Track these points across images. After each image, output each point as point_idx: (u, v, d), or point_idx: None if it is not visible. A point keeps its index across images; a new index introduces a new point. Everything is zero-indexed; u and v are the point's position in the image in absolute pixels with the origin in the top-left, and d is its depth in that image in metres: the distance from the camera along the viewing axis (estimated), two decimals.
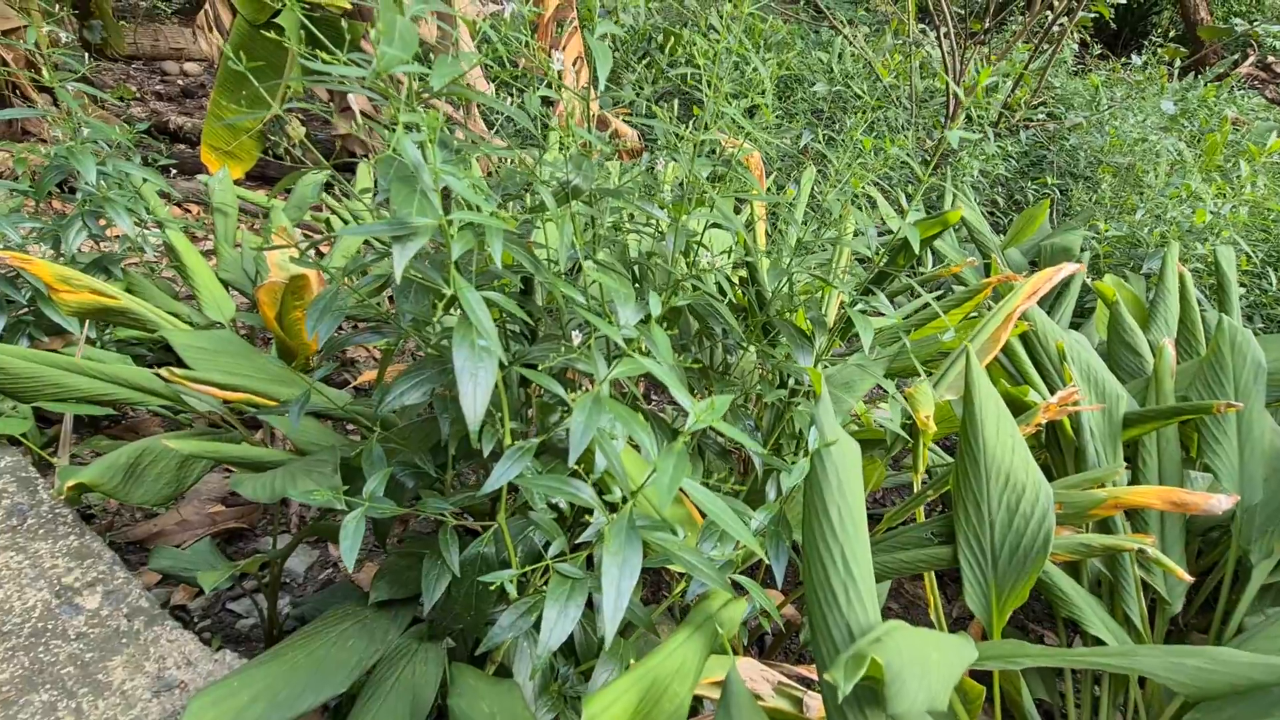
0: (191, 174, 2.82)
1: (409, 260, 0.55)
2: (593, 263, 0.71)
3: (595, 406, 0.59)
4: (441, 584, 0.82)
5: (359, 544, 0.66)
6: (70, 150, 1.37)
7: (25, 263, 1.18)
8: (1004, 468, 0.79)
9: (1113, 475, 0.81)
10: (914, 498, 0.94)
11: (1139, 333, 1.34)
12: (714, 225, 0.93)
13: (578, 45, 2.88)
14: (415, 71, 0.47)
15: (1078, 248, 2.02)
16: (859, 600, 0.53)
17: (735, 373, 1.02)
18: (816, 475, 0.57)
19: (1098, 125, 3.11)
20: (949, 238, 1.99)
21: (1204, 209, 1.78)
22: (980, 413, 0.81)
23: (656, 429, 0.90)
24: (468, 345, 0.61)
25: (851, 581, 0.53)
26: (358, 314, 0.93)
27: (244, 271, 1.74)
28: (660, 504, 0.41)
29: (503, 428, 0.77)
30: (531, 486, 0.59)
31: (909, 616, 1.34)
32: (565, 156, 0.73)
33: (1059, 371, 1.10)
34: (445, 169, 0.52)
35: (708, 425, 0.45)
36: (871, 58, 3.59)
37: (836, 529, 0.55)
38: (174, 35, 4.57)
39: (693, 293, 0.87)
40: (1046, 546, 0.76)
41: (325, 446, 0.97)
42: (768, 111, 0.95)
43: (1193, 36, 4.98)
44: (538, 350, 0.75)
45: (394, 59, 0.45)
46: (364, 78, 0.49)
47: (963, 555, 0.80)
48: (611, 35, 4.27)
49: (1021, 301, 0.99)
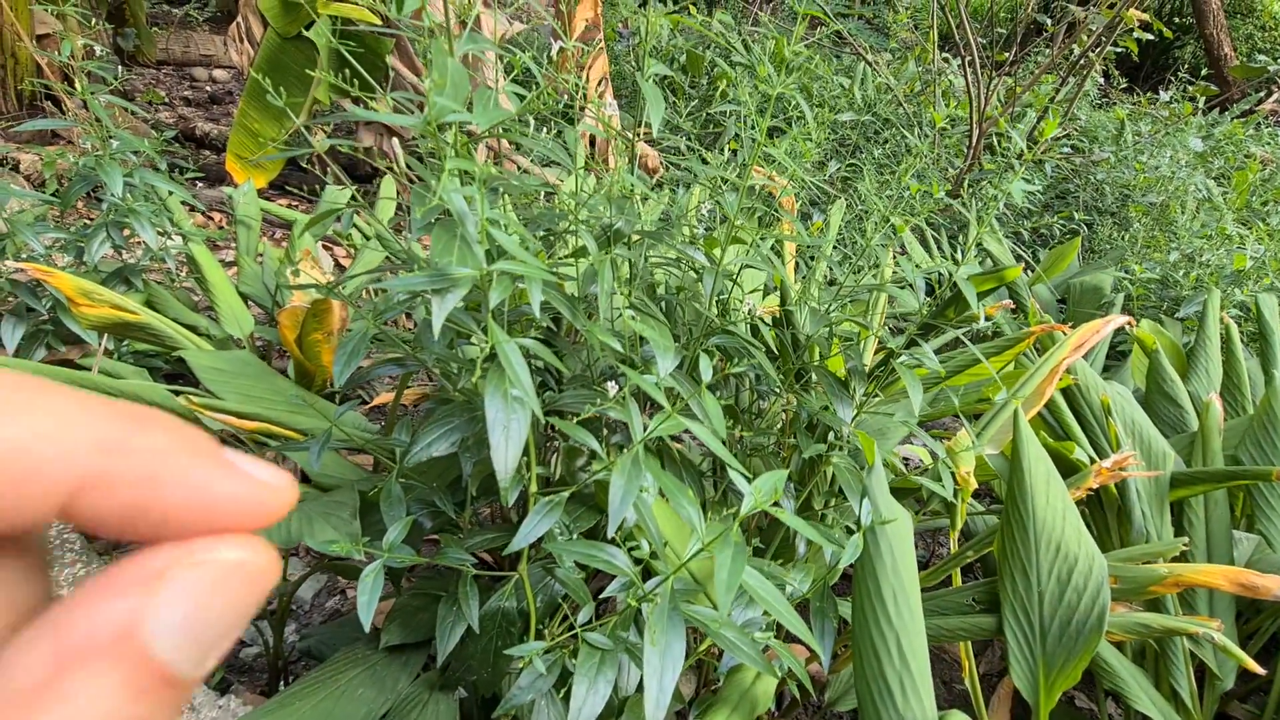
0: (216, 182, 2.84)
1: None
2: (632, 311, 0.68)
3: (635, 469, 0.56)
4: (457, 632, 0.78)
5: (377, 599, 0.63)
6: (98, 161, 1.37)
7: (48, 275, 1.17)
8: (1054, 536, 0.75)
9: (1173, 550, 0.77)
10: (952, 558, 0.90)
11: (1180, 384, 1.30)
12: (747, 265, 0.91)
13: (603, 66, 2.88)
14: (465, 119, 0.44)
15: (1108, 287, 1.98)
16: (915, 694, 0.49)
17: (768, 418, 0.99)
18: (869, 554, 0.53)
19: (1124, 160, 3.08)
20: (971, 260, 1.95)
21: (1243, 254, 1.74)
22: (1029, 477, 0.77)
23: (686, 476, 0.86)
24: (500, 396, 0.58)
25: (908, 673, 0.49)
26: (379, 340, 0.91)
27: (264, 285, 1.73)
28: (720, 605, 0.38)
29: (528, 473, 0.74)
30: (562, 552, 0.56)
31: (936, 671, 1.28)
32: (606, 197, 0.70)
33: (1103, 427, 1.05)
34: (491, 217, 0.49)
35: (763, 507, 0.42)
36: (894, 84, 3.58)
37: (891, 615, 0.51)
38: (204, 42, 4.65)
39: (727, 336, 0.84)
40: (1101, 624, 0.71)
41: (343, 481, 0.94)
42: (808, 152, 0.93)
43: (1217, 71, 4.95)
44: (570, 397, 0.72)
45: (445, 109, 0.42)
46: (413, 124, 0.47)
47: (1008, 627, 0.76)
48: (633, 54, 4.27)
49: (1068, 355, 0.95)
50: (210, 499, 0.12)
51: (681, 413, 0.57)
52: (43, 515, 0.11)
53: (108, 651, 0.10)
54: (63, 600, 0.11)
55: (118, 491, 0.11)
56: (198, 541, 0.12)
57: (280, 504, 0.13)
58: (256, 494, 0.12)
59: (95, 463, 0.11)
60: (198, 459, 0.12)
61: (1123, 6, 2.65)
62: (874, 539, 0.53)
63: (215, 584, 0.11)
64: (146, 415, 0.12)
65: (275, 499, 0.13)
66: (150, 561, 0.11)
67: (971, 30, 3.03)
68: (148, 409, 0.12)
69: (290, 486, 0.13)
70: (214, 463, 0.12)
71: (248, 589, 0.12)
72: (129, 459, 0.11)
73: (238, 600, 0.12)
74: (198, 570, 0.11)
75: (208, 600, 0.11)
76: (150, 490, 0.11)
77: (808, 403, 0.84)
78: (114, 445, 0.11)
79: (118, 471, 0.11)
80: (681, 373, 0.82)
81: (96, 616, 0.11)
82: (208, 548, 0.12)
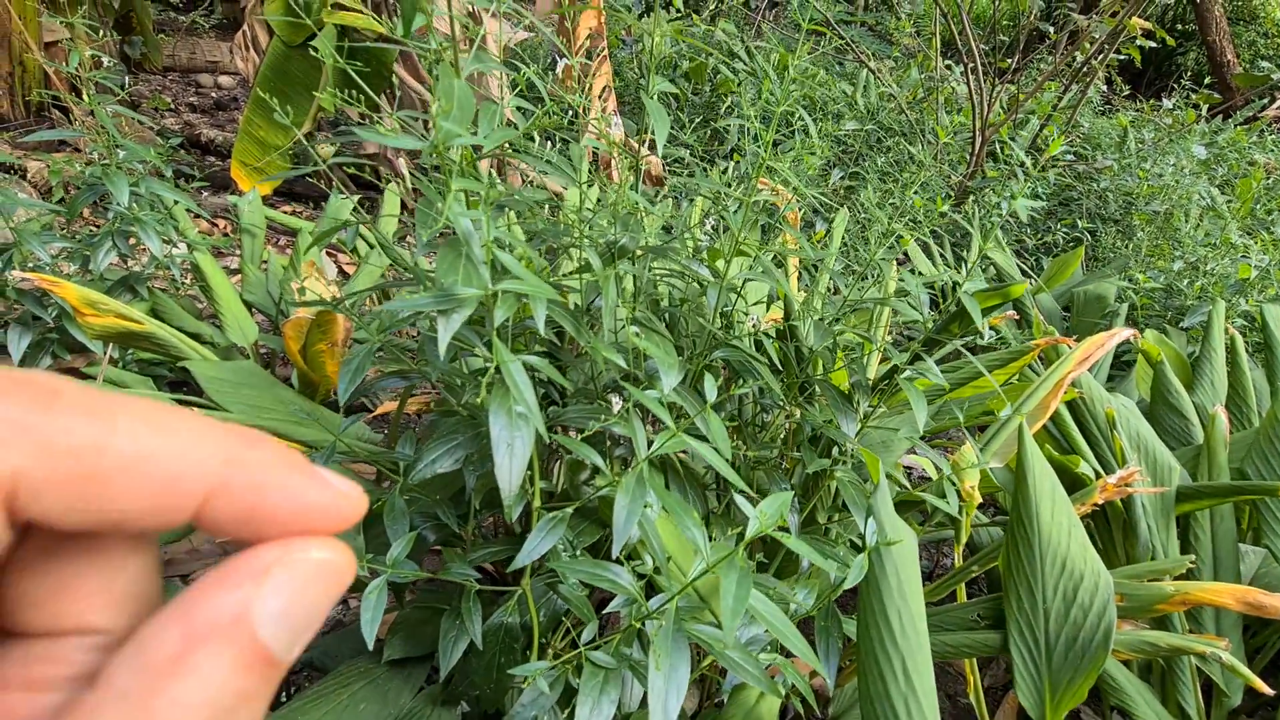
0: (220, 188, 2.85)
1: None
2: (636, 328, 0.68)
3: (639, 487, 0.56)
4: (460, 647, 0.78)
5: (380, 615, 0.63)
6: (105, 171, 1.38)
7: (54, 285, 1.18)
8: (1060, 553, 0.75)
9: (1179, 568, 0.76)
10: (957, 572, 0.89)
11: (1185, 395, 1.29)
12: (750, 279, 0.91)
13: (606, 75, 2.89)
14: (471, 142, 0.44)
15: (1112, 296, 1.98)
16: (920, 716, 0.49)
17: (771, 430, 0.98)
18: (874, 575, 0.53)
19: (1128, 168, 3.07)
20: (977, 276, 1.95)
21: (1247, 264, 1.73)
22: (1034, 492, 0.76)
23: (690, 489, 0.86)
24: (505, 413, 0.58)
25: (913, 695, 0.49)
26: (383, 352, 0.91)
27: (268, 294, 1.73)
28: (726, 631, 0.37)
29: (532, 487, 0.74)
30: (567, 571, 0.56)
31: (940, 684, 1.27)
32: (611, 214, 0.70)
33: (1107, 440, 1.05)
34: (498, 235, 0.49)
35: (768, 530, 0.42)
36: (897, 92, 3.58)
37: (897, 636, 0.51)
38: (210, 49, 4.68)
39: (731, 350, 0.84)
40: (1107, 642, 0.71)
41: None
42: (812, 166, 0.93)
43: (1219, 78, 4.94)
44: (574, 412, 0.72)
45: (451, 134, 0.42)
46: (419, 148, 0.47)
47: (1014, 644, 0.76)
48: (636, 62, 4.28)
49: (1073, 368, 0.95)
50: (304, 505, 0.14)
51: (686, 430, 0.57)
52: (182, 517, 0.13)
53: (225, 633, 0.12)
54: (189, 588, 0.13)
55: (236, 498, 0.13)
56: (294, 541, 0.14)
57: (356, 510, 0.15)
58: (338, 501, 0.14)
59: (221, 472, 0.13)
60: (294, 471, 0.14)
61: (1125, 15, 2.65)
62: (879, 560, 0.53)
63: (307, 579, 0.13)
64: (254, 435, 0.14)
65: (352, 506, 0.15)
66: (258, 558, 0.13)
67: (974, 37, 3.03)
68: (254, 431, 0.14)
69: (362, 496, 0.15)
70: (307, 474, 0.14)
71: (332, 584, 0.14)
72: (245, 471, 0.14)
73: (324, 594, 0.14)
74: (294, 567, 0.13)
75: (301, 593, 0.13)
76: (259, 497, 0.14)
77: (811, 416, 0.84)
78: (234, 459, 0.13)
79: (236, 481, 0.13)
80: (685, 387, 0.82)
81: (217, 603, 0.13)
82: (302, 548, 0.14)
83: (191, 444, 0.13)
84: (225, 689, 0.12)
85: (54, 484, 0.12)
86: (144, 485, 0.13)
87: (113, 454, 0.12)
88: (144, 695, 0.12)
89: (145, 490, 0.13)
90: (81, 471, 0.12)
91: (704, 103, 3.80)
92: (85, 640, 0.13)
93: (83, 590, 0.13)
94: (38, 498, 0.12)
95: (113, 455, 0.12)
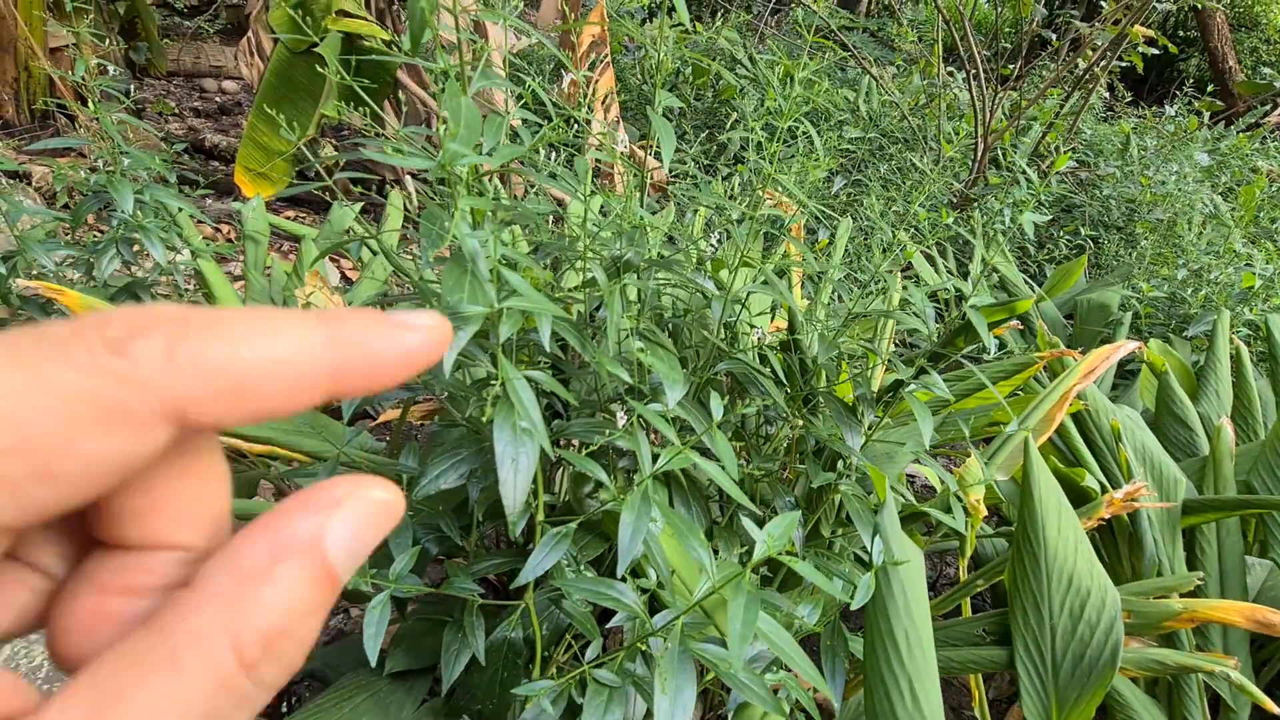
0: (224, 193, 2.86)
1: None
2: (640, 343, 0.68)
3: (644, 504, 0.55)
4: (462, 660, 0.78)
5: (383, 631, 0.63)
6: (110, 179, 1.38)
7: (58, 294, 1.18)
8: (1067, 569, 0.74)
9: (1187, 585, 0.76)
10: (962, 586, 0.89)
11: (1190, 406, 1.29)
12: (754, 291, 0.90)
13: (609, 81, 2.90)
14: (478, 161, 0.44)
15: (1116, 305, 1.97)
16: None
17: (775, 441, 0.98)
18: (881, 595, 0.53)
19: (1130, 175, 3.07)
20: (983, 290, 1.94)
21: (1251, 273, 1.73)
22: (1040, 507, 0.76)
23: (694, 502, 0.86)
24: (509, 428, 0.58)
25: (919, 716, 0.49)
26: None
27: (271, 300, 1.73)
28: (734, 657, 0.37)
29: (536, 500, 0.74)
30: (571, 589, 0.55)
31: (945, 697, 1.27)
32: (616, 230, 0.70)
33: (1113, 452, 1.05)
34: (505, 253, 0.49)
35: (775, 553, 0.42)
36: (899, 99, 3.59)
37: (904, 656, 0.50)
38: (214, 54, 4.70)
39: (734, 363, 0.84)
40: (1115, 660, 0.70)
41: None
42: (816, 178, 0.93)
43: (1221, 85, 4.95)
44: (578, 426, 0.72)
45: (457, 155, 0.42)
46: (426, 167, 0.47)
47: (1020, 661, 0.75)
48: (639, 67, 4.28)
49: (1078, 381, 0.94)
50: (403, 349, 0.16)
51: (691, 445, 0.57)
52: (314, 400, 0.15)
53: (304, 551, 0.15)
54: (273, 510, 0.15)
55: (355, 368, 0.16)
56: (362, 480, 0.16)
57: (443, 338, 0.17)
58: (428, 335, 0.17)
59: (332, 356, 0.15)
60: (385, 327, 0.16)
61: (1128, 23, 2.65)
62: (886, 579, 0.53)
63: (369, 514, 0.15)
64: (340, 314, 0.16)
65: (440, 334, 0.17)
66: (333, 489, 0.15)
67: (976, 43, 3.04)
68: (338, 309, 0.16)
69: (443, 323, 0.17)
70: (396, 325, 0.16)
71: (386, 521, 0.16)
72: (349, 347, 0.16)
73: (380, 528, 0.16)
74: (360, 502, 0.15)
75: (363, 525, 0.15)
76: (371, 360, 0.16)
77: (816, 430, 0.84)
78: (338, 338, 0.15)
79: (349, 356, 0.15)
80: (689, 399, 0.81)
81: (299, 524, 0.15)
82: (369, 486, 0.16)
83: (302, 336, 0.15)
84: (301, 598, 0.14)
85: (211, 396, 0.14)
86: (277, 382, 0.15)
87: (247, 363, 0.14)
88: (236, 597, 0.14)
89: (280, 386, 0.15)
90: (229, 384, 0.14)
91: (706, 109, 3.81)
92: (173, 555, 0.16)
93: (173, 509, 0.16)
94: (201, 409, 0.14)
95: (247, 364, 0.14)
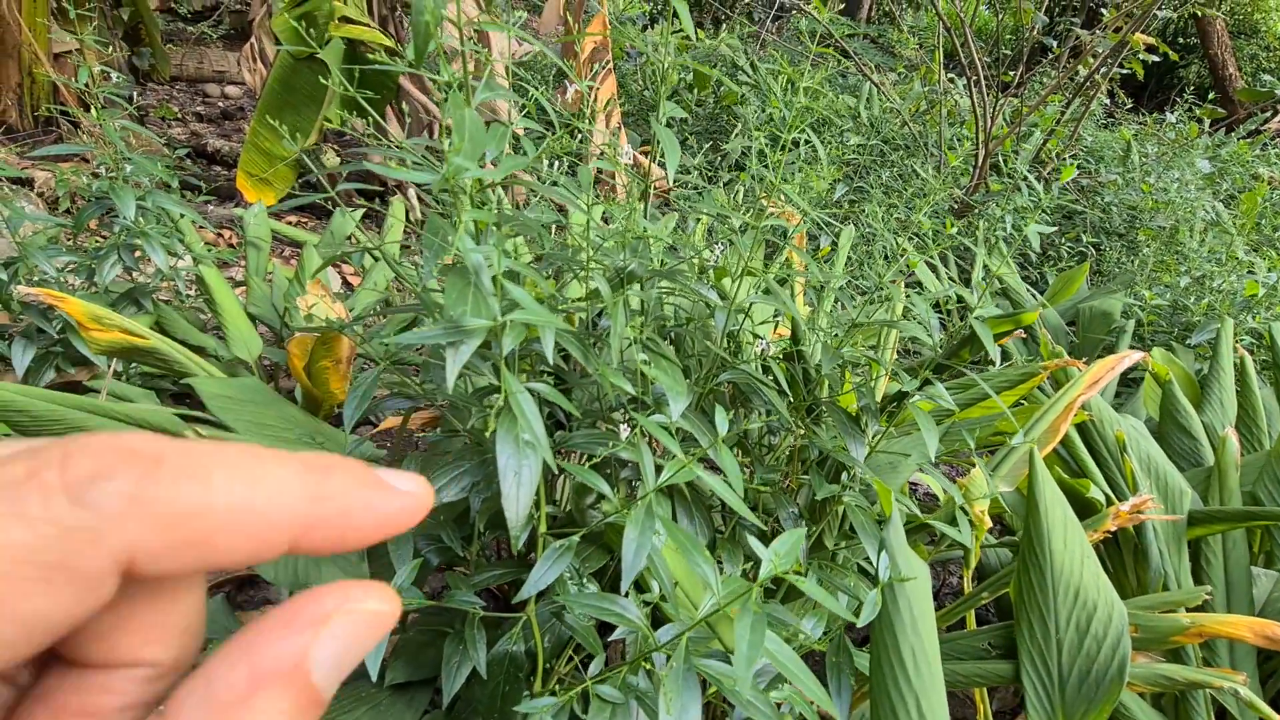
0: (226, 199, 2.86)
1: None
2: (644, 355, 0.68)
3: (648, 519, 0.55)
4: (463, 672, 0.77)
5: (385, 646, 0.62)
6: (112, 186, 1.38)
7: (59, 300, 1.18)
8: (1073, 582, 0.73)
9: (1194, 599, 0.75)
10: (967, 598, 0.88)
11: (1194, 415, 1.28)
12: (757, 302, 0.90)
13: (610, 87, 2.91)
14: (482, 176, 0.44)
15: (1118, 312, 1.97)
16: None
17: (778, 451, 0.97)
18: (887, 612, 0.52)
19: (1131, 182, 3.07)
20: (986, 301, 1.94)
21: (1255, 280, 1.73)
22: (1046, 520, 0.75)
23: (697, 513, 0.85)
24: (512, 441, 0.57)
25: None
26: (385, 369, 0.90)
27: (272, 306, 1.73)
28: (740, 680, 0.37)
29: (538, 512, 0.73)
30: (574, 605, 0.55)
31: (950, 709, 1.26)
32: (620, 242, 0.70)
33: (1118, 463, 1.04)
34: (509, 267, 0.49)
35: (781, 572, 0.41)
36: (900, 104, 3.59)
37: (910, 674, 0.50)
38: (218, 59, 4.72)
39: (737, 373, 0.84)
40: (1122, 675, 0.69)
41: None
42: (820, 187, 0.92)
43: (1221, 91, 4.95)
44: (581, 438, 0.71)
45: (460, 169, 0.42)
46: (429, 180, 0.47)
47: (1026, 676, 0.74)
48: (640, 74, 4.28)
49: (1083, 391, 0.94)
50: (381, 516, 0.15)
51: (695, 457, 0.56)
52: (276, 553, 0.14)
53: (286, 677, 0.14)
54: (253, 626, 0.14)
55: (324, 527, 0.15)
56: (352, 589, 0.15)
57: (422, 506, 0.16)
58: (406, 503, 0.16)
59: (307, 511, 0.15)
60: (369, 488, 0.15)
61: (1129, 31, 2.66)
62: (892, 595, 0.52)
63: (360, 629, 0.15)
64: (328, 464, 0.15)
65: (418, 503, 0.16)
66: (319, 604, 0.14)
67: (976, 50, 3.04)
68: (327, 457, 0.16)
69: (426, 489, 0.17)
70: (379, 488, 0.16)
71: (379, 633, 0.15)
72: (327, 503, 0.15)
73: (371, 641, 0.15)
74: (351, 617, 0.14)
75: (353, 641, 0.14)
76: (344, 522, 0.15)
77: (820, 441, 0.83)
78: (315, 494, 0.15)
79: (321, 513, 0.15)
80: (693, 409, 0.81)
81: (280, 646, 0.14)
82: (360, 597, 0.15)
83: (279, 489, 0.14)
84: None
85: (167, 549, 0.13)
86: (242, 537, 0.14)
87: (215, 513, 0.14)
88: None
89: (244, 541, 0.14)
90: (189, 535, 0.13)
91: (708, 114, 3.82)
92: (138, 672, 0.15)
93: (140, 625, 0.15)
94: (153, 561, 0.13)
95: (215, 515, 0.14)
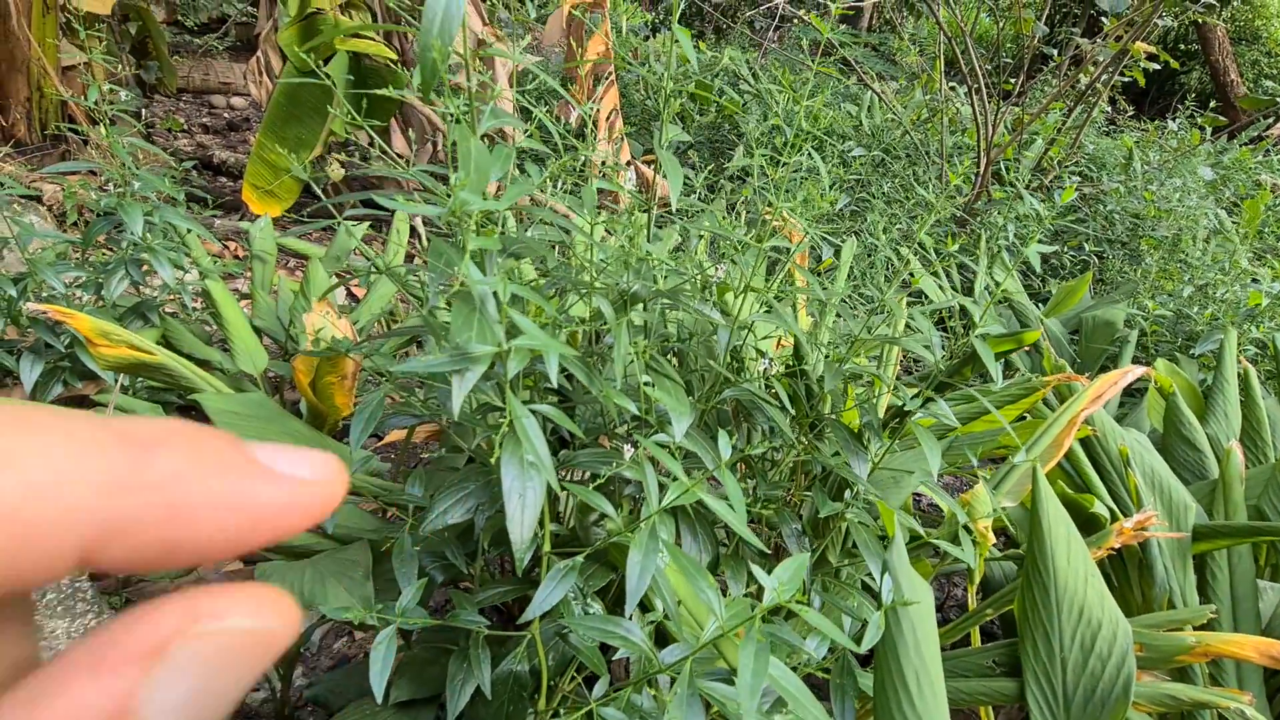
0: (232, 210, 2.88)
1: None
2: (647, 375, 0.68)
3: (652, 541, 0.55)
4: (467, 691, 0.77)
5: (390, 666, 0.63)
6: (120, 202, 1.40)
7: (68, 317, 1.19)
8: (1077, 600, 0.73)
9: (1199, 618, 0.75)
10: (971, 615, 0.88)
11: (1198, 428, 1.28)
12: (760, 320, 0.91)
13: (613, 99, 2.92)
14: (487, 208, 0.45)
15: (1121, 322, 1.97)
16: None
17: (781, 466, 0.98)
18: (891, 634, 0.52)
19: (1133, 191, 3.07)
20: (989, 318, 1.95)
21: (1258, 291, 1.72)
22: (1050, 538, 0.75)
23: (700, 530, 0.85)
24: (516, 463, 0.58)
25: None
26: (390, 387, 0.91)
27: (278, 320, 1.74)
28: (745, 711, 0.37)
29: (542, 530, 0.74)
30: (579, 628, 0.55)
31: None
32: (624, 263, 0.71)
33: (1122, 477, 1.04)
34: (516, 294, 0.49)
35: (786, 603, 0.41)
36: (901, 114, 3.61)
37: (914, 697, 0.50)
38: (224, 70, 4.76)
39: (740, 390, 0.84)
40: (1127, 694, 0.69)
41: (355, 531, 0.93)
42: (820, 203, 0.93)
43: (1223, 98, 4.96)
44: (585, 457, 0.72)
45: (465, 202, 0.43)
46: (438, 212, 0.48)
47: (1030, 694, 0.74)
48: (643, 83, 4.29)
49: (1086, 406, 0.94)
50: (246, 514, 0.11)
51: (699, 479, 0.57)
52: (55, 575, 0.10)
53: None
54: (51, 666, 0.09)
55: (141, 532, 0.10)
56: (203, 600, 0.10)
57: (328, 499, 0.11)
58: (298, 496, 0.11)
59: (107, 508, 0.10)
60: (222, 474, 0.11)
61: (1129, 40, 2.67)
62: (895, 617, 0.53)
63: (222, 657, 0.10)
64: (155, 437, 0.11)
65: (321, 496, 0.11)
66: (150, 632, 0.10)
67: (977, 58, 3.05)
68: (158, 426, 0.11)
69: (338, 475, 0.12)
70: (242, 473, 0.11)
71: (258, 658, 0.10)
72: (144, 494, 0.10)
73: (245, 672, 0.10)
74: (203, 642, 0.10)
75: (212, 676, 0.10)
76: (175, 523, 0.10)
77: (823, 458, 0.83)
78: (124, 483, 0.10)
79: (133, 512, 0.10)
80: (696, 428, 0.81)
81: (85, 697, 0.09)
82: (217, 612, 0.10)
83: (54, 477, 0.09)
84: None
85: None
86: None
87: None
88: None
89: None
90: None
91: (709, 123, 3.84)
92: None
93: None
94: None
95: None
